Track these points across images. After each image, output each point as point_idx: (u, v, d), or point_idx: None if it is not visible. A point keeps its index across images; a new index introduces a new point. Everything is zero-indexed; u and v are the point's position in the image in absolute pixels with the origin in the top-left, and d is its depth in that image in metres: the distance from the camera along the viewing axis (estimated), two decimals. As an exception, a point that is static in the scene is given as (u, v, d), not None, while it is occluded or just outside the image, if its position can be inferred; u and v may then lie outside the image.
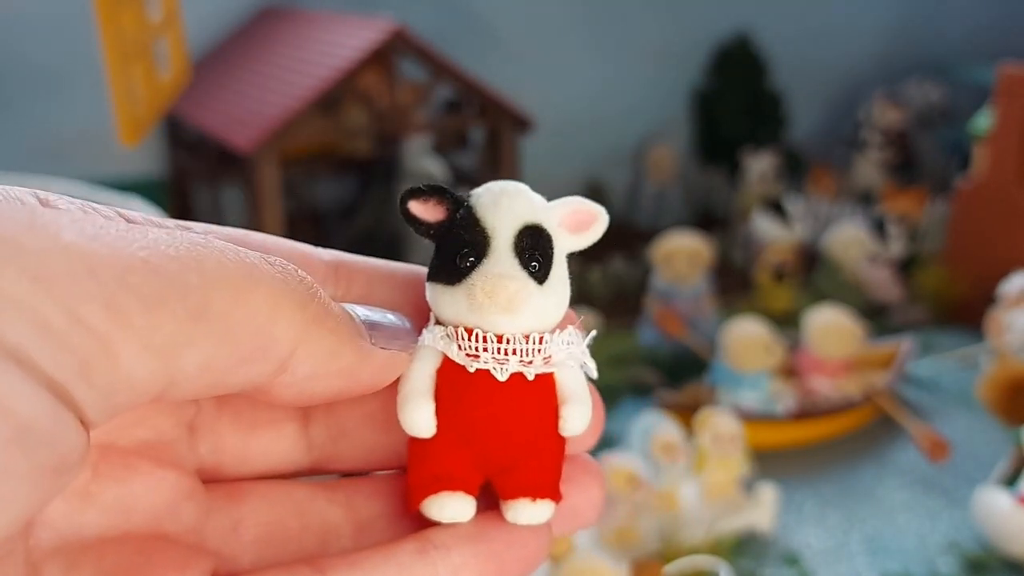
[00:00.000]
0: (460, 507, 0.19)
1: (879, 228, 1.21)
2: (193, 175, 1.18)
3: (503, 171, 1.08)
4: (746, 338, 0.89)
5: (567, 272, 0.21)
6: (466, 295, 0.19)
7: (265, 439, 0.20)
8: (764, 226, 1.23)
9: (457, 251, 0.20)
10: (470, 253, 0.19)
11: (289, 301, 0.17)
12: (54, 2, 1.07)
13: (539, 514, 0.20)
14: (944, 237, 1.21)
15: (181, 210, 1.19)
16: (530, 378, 0.20)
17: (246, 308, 0.16)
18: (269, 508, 0.20)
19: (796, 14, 1.52)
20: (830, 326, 0.92)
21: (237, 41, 1.19)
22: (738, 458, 0.77)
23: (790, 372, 0.95)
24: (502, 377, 0.19)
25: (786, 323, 1.03)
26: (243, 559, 0.19)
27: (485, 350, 0.19)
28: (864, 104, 1.49)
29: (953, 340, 1.09)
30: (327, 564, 0.18)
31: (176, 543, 0.18)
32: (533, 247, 0.20)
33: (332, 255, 0.21)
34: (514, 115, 1.09)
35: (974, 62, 1.55)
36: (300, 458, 0.21)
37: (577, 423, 0.20)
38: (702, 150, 1.50)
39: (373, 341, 0.19)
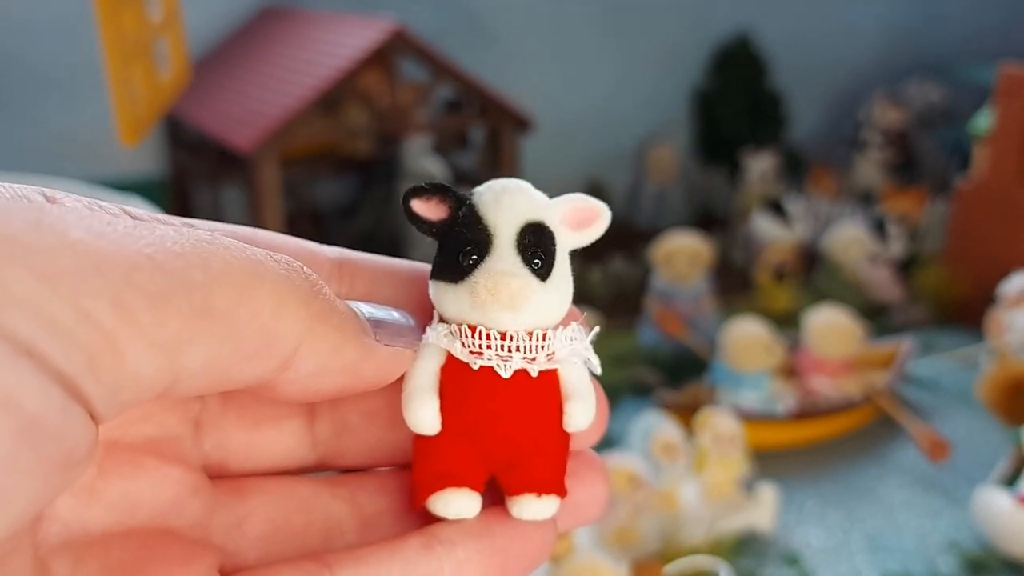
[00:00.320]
0: (465, 503, 0.19)
1: (879, 228, 1.21)
2: (193, 175, 1.18)
3: (503, 171, 1.08)
4: (746, 338, 0.89)
5: (569, 269, 0.20)
6: (469, 293, 0.19)
7: (270, 435, 0.20)
8: (764, 226, 1.23)
9: (460, 249, 0.20)
10: (473, 251, 0.19)
11: (293, 298, 0.17)
12: (54, 3, 1.07)
13: (544, 510, 0.20)
14: (944, 237, 1.21)
15: (181, 210, 1.19)
16: (534, 375, 0.20)
17: (250, 305, 0.16)
18: (274, 504, 0.20)
19: (796, 14, 1.52)
20: (830, 326, 0.93)
21: (237, 41, 1.19)
22: (738, 458, 0.77)
23: (790, 372, 0.95)
24: (506, 374, 0.19)
25: (786, 323, 1.03)
26: (248, 555, 0.19)
27: (489, 347, 0.19)
28: (864, 104, 1.49)
29: (953, 340, 1.09)
30: (332, 559, 0.18)
31: (181, 538, 0.18)
32: (535, 244, 0.20)
33: (337, 252, 0.21)
34: (514, 115, 1.09)
35: (974, 62, 1.55)
36: (305, 454, 0.21)
37: (581, 419, 0.20)
38: (702, 150, 1.51)
39: (377, 338, 0.19)
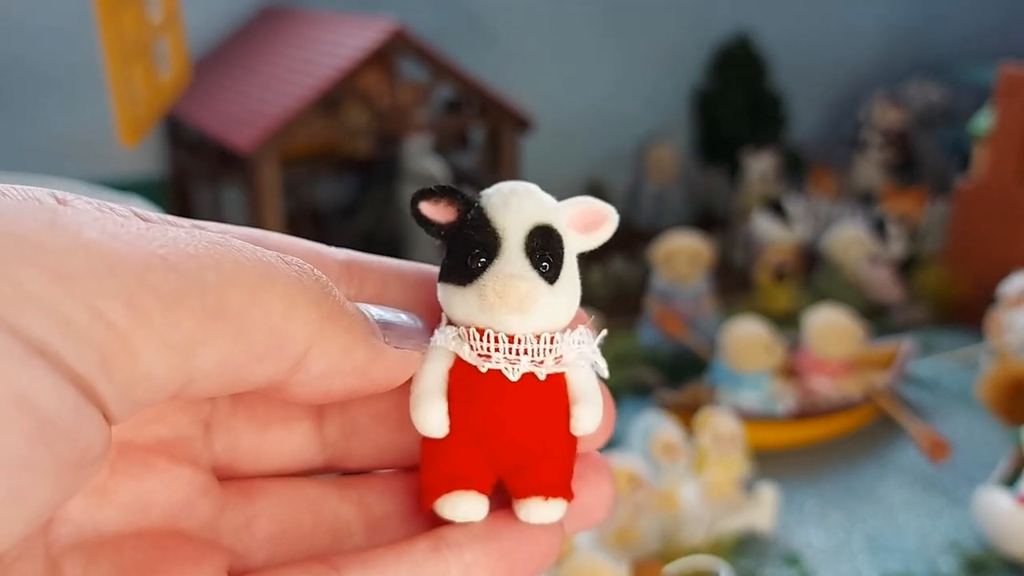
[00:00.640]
0: (473, 506, 0.20)
1: (879, 228, 1.21)
2: (193, 175, 1.18)
3: (503, 171, 1.08)
4: (746, 338, 0.89)
5: (577, 272, 0.21)
6: (477, 295, 0.19)
7: (279, 437, 0.21)
8: (764, 226, 1.23)
9: (468, 252, 0.20)
10: (481, 254, 0.20)
11: (304, 299, 0.17)
12: (54, 3, 1.07)
13: (551, 513, 0.20)
14: (944, 237, 1.21)
15: (181, 210, 1.19)
16: (541, 378, 0.20)
17: (262, 306, 0.16)
18: (282, 505, 0.20)
19: (796, 14, 1.52)
20: (830, 326, 0.93)
21: (237, 41, 1.19)
22: (738, 458, 0.77)
23: (790, 372, 0.95)
24: (514, 377, 0.19)
25: (786, 323, 1.03)
26: (257, 556, 0.19)
27: (497, 350, 0.19)
28: (864, 104, 1.49)
29: (953, 340, 1.09)
30: (340, 562, 0.18)
31: (192, 539, 0.18)
32: (544, 247, 0.20)
33: (345, 254, 0.21)
34: (514, 115, 1.09)
35: (974, 62, 1.55)
36: (313, 456, 0.21)
37: (589, 422, 0.20)
38: (702, 150, 1.51)
39: (387, 340, 0.19)
